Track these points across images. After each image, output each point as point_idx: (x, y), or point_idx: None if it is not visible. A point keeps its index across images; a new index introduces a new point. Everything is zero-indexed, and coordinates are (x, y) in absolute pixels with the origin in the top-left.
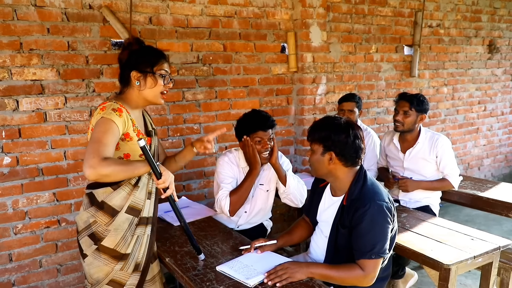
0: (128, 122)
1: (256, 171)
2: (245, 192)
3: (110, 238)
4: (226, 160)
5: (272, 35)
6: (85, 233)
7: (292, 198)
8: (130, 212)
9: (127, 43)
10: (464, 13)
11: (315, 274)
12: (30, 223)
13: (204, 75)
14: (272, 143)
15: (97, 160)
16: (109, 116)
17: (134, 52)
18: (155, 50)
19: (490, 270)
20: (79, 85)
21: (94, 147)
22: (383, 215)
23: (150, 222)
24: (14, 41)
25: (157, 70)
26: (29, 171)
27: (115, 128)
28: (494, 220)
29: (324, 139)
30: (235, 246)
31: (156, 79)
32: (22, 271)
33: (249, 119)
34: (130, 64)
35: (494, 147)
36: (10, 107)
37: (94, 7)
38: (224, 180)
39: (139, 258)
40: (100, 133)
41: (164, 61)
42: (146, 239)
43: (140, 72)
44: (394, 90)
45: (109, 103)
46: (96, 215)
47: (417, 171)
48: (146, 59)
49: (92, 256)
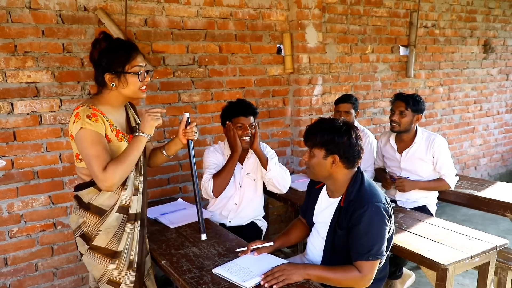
0: (104, 123)
1: (236, 154)
2: (227, 174)
3: (102, 237)
4: (211, 149)
5: (268, 36)
6: (77, 233)
7: (274, 183)
8: (120, 210)
9: (95, 41)
10: (459, 13)
11: (312, 276)
12: (26, 227)
13: (200, 76)
14: (253, 129)
15: (102, 176)
16: (87, 126)
17: (103, 52)
18: (124, 46)
19: (487, 269)
20: (74, 87)
21: (93, 165)
22: (381, 217)
23: (139, 218)
24: (8, 43)
25: (129, 68)
26: (25, 174)
27: (98, 136)
28: (491, 220)
29: (327, 142)
30: (231, 248)
31: (129, 78)
32: (18, 275)
33: (232, 106)
34: (101, 66)
35: (490, 147)
36: (4, 110)
37: (89, 9)
38: (209, 166)
39: (132, 254)
40: (88, 148)
41: (136, 55)
42: (137, 235)
43: (113, 74)
44: (390, 91)
45: (82, 109)
46: (84, 215)
47: (414, 171)
48: (115, 59)
49: (87, 255)
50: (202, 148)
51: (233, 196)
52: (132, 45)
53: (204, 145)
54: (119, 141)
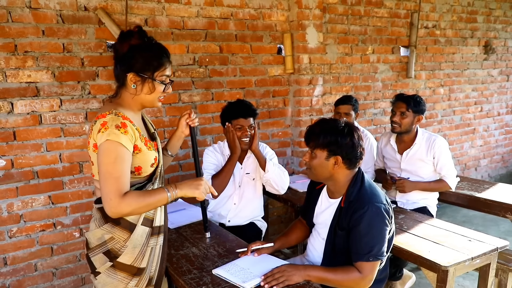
0: (134, 134)
1: (235, 155)
2: (226, 175)
3: (128, 254)
4: (211, 149)
5: (268, 36)
6: (99, 250)
7: (272, 184)
8: (146, 223)
9: (128, 32)
10: (459, 14)
11: (312, 277)
12: (25, 227)
13: (201, 76)
14: (252, 131)
15: (116, 201)
16: (115, 138)
17: (135, 49)
18: (160, 50)
19: (488, 271)
20: (75, 87)
21: (109, 185)
22: (381, 217)
23: (162, 231)
24: (8, 43)
25: (158, 75)
26: (24, 174)
27: (124, 152)
28: (491, 221)
29: (330, 143)
30: (231, 249)
31: (155, 86)
32: (17, 275)
33: (232, 107)
34: (128, 63)
35: (491, 148)
36: (4, 110)
37: (89, 9)
38: (208, 167)
39: (152, 271)
40: (110, 165)
41: (168, 64)
42: (159, 249)
43: (139, 76)
44: (391, 91)
45: (110, 117)
46: (113, 231)
47: (415, 172)
48: (147, 62)
49: (106, 274)
50: (202, 148)
51: (232, 195)
52: (166, 51)
53: (204, 145)
54: (149, 150)
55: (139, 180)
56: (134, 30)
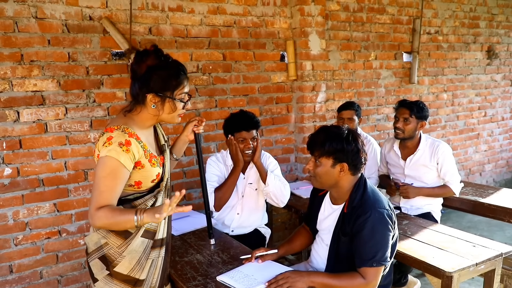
0: (139, 151)
1: (238, 168)
2: (228, 188)
3: (124, 264)
4: (213, 159)
5: (271, 43)
6: (96, 255)
7: (271, 197)
8: (146, 235)
9: (144, 52)
10: (462, 20)
11: (316, 283)
12: (31, 234)
13: (204, 84)
14: (255, 143)
15: (92, 213)
16: (114, 155)
17: (152, 70)
18: (177, 69)
19: (493, 277)
20: (80, 95)
21: (93, 196)
22: (384, 223)
23: (164, 244)
24: (15, 53)
25: (177, 94)
26: (30, 182)
27: (119, 170)
28: (496, 226)
29: (336, 151)
30: (235, 255)
31: (175, 104)
32: (23, 282)
33: (234, 119)
34: (147, 84)
35: (495, 153)
36: (11, 118)
37: (94, 19)
38: (210, 178)
39: (153, 283)
40: (101, 178)
41: (186, 81)
42: (161, 261)
43: (158, 96)
44: (394, 97)
45: (116, 133)
46: (108, 236)
47: (418, 178)
48: (166, 82)
49: (103, 281)
50: (206, 155)
51: (236, 205)
52: (184, 69)
53: (207, 152)
54: (152, 167)
55: (138, 191)
56: (150, 50)
